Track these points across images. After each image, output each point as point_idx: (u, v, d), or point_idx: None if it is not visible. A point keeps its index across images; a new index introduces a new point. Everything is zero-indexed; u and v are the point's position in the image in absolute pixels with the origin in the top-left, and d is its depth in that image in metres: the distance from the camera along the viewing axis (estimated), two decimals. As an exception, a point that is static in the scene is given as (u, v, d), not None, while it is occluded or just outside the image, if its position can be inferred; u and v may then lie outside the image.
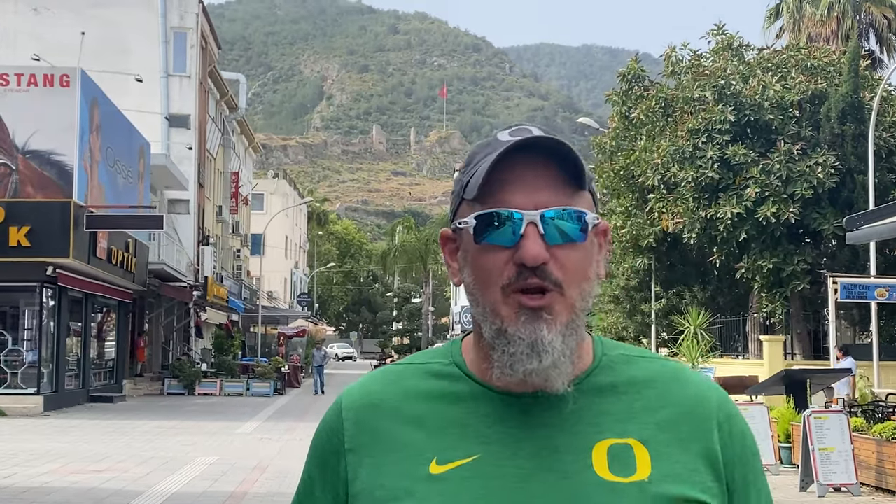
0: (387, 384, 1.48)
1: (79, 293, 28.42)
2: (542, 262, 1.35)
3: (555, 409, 1.39)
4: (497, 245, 1.37)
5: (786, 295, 25.60)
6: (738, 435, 1.46)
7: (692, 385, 1.46)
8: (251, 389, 36.08)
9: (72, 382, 28.57)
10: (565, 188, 1.39)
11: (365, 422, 1.45)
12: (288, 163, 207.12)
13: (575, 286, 1.37)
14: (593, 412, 1.40)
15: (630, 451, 1.37)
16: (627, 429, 1.39)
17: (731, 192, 25.06)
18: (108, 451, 17.41)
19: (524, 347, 1.34)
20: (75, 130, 25.50)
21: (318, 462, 1.49)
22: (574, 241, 1.37)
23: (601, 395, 1.42)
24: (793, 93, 25.48)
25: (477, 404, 1.42)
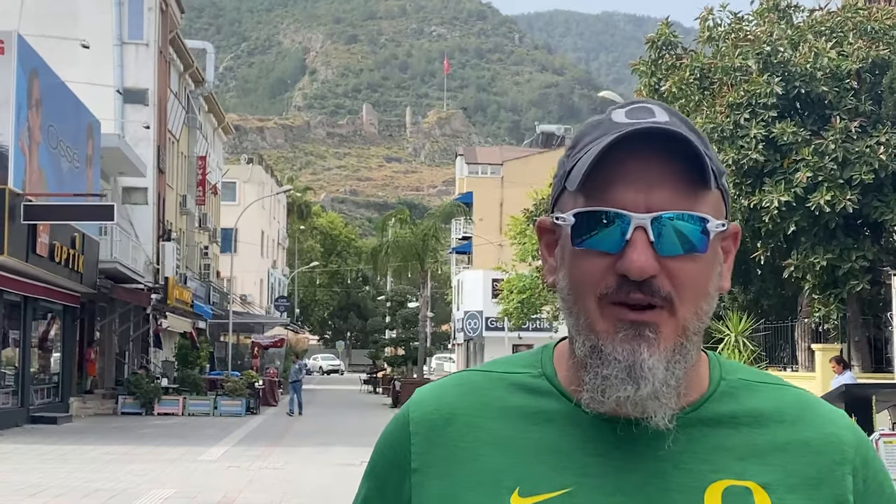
0: (464, 395, 1.44)
1: (16, 296, 27.92)
2: (650, 276, 1.30)
3: (664, 440, 1.34)
4: (598, 250, 1.33)
5: (842, 296, 25.09)
6: (875, 484, 1.41)
7: (825, 421, 1.41)
8: (219, 408, 35.59)
9: (8, 400, 28.07)
10: (687, 187, 1.33)
11: (436, 438, 1.41)
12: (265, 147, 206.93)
13: (689, 304, 1.33)
14: (708, 447, 1.36)
15: (749, 497, 1.34)
16: (747, 469, 1.35)
17: (779, 176, 24.54)
18: (45, 483, 16.93)
19: (619, 371, 1.30)
20: (11, 106, 24.95)
21: (377, 481, 1.48)
22: (691, 253, 1.32)
23: (718, 427, 1.38)
24: (850, 61, 24.95)
25: (570, 427, 1.38)
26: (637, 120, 1.34)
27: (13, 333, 28.67)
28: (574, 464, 1.35)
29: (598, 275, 1.32)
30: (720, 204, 1.39)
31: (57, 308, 32.10)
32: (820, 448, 1.38)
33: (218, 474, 18.55)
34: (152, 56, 40.82)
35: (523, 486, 1.34)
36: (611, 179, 1.32)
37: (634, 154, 1.32)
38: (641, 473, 1.34)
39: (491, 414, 1.41)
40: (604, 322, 1.32)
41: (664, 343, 1.32)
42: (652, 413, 1.32)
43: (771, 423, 1.39)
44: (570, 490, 1.33)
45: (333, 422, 33.51)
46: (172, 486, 16.84)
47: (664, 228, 1.31)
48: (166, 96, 43.72)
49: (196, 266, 54.04)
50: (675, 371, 1.32)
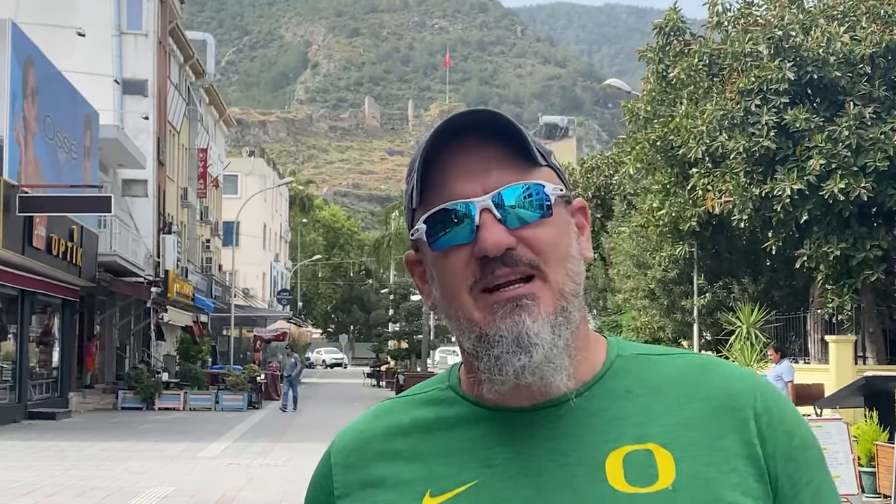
0: (376, 420, 1.50)
1: (13, 290, 27.37)
2: (508, 248, 1.32)
3: (560, 420, 1.38)
4: (455, 245, 1.36)
5: (856, 287, 24.49)
6: (779, 424, 1.40)
7: (722, 375, 1.43)
8: (221, 403, 35.05)
9: (5, 396, 27.52)
10: (517, 165, 1.36)
11: (354, 464, 1.47)
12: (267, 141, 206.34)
13: (556, 266, 1.35)
14: (604, 420, 1.38)
15: (650, 458, 1.34)
16: (646, 433, 1.37)
17: (791, 164, 23.93)
18: (39, 481, 16.37)
19: (508, 344, 1.32)
20: (5, 95, 24.35)
21: None
22: (540, 218, 1.35)
23: (614, 400, 1.40)
24: (863, 45, 24.33)
25: (473, 426, 1.42)
26: (448, 119, 1.37)
27: (11, 328, 28.12)
28: (476, 458, 1.39)
29: (462, 267, 1.35)
30: (556, 180, 1.41)
31: (56, 302, 31.54)
32: (719, 402, 1.39)
33: (217, 472, 17.98)
34: (151, 46, 40.21)
35: (433, 488, 1.38)
36: (444, 181, 1.36)
37: (459, 152, 1.36)
38: (541, 454, 1.37)
39: (402, 432, 1.46)
40: (479, 311, 1.35)
41: (544, 307, 1.34)
42: (550, 377, 1.34)
43: (669, 388, 1.41)
44: (476, 482, 1.37)
45: (337, 416, 32.89)
46: (170, 484, 16.27)
47: (506, 204, 1.34)
48: (166, 87, 43.11)
49: (198, 259, 53.46)
50: (561, 332, 1.34)
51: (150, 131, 39.92)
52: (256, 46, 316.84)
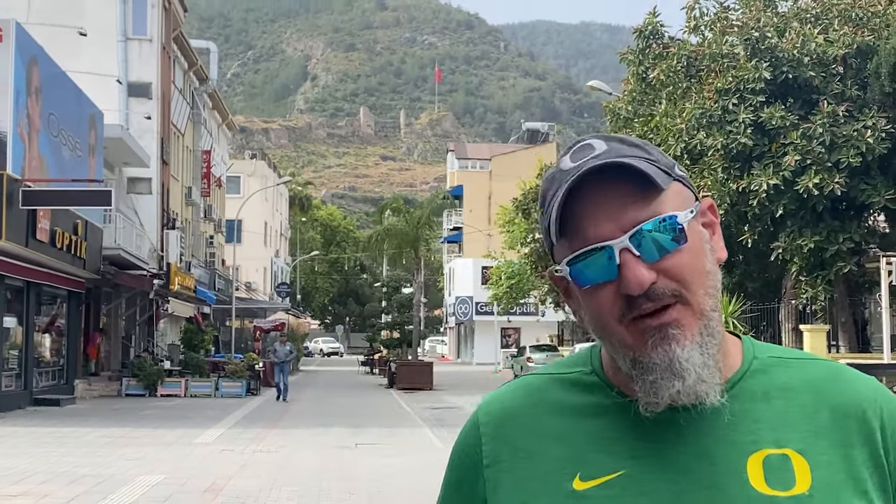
0: (525, 396, 1.47)
1: (19, 281, 26.14)
2: (651, 283, 1.31)
3: (705, 419, 1.35)
4: (600, 282, 1.34)
5: (829, 278, 23.44)
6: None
7: (851, 384, 1.40)
8: (220, 390, 33.82)
9: (11, 383, 26.28)
10: (646, 197, 1.33)
11: (503, 436, 1.44)
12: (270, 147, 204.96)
13: (696, 288, 1.34)
14: (745, 421, 1.35)
15: (788, 463, 1.33)
16: (783, 438, 1.35)
17: (767, 160, 22.89)
18: (34, 468, 15.18)
19: (662, 372, 1.31)
20: (9, 92, 23.13)
21: (455, 479, 1.49)
22: (676, 248, 1.33)
23: (753, 402, 1.38)
24: (836, 47, 23.30)
25: (621, 417, 1.38)
26: (580, 161, 1.35)
27: (16, 318, 26.90)
28: (626, 448, 1.35)
29: (609, 302, 1.33)
30: (684, 190, 1.38)
31: (61, 293, 30.30)
32: (848, 411, 1.36)
33: (211, 459, 16.80)
34: (156, 51, 38.95)
35: (583, 472, 1.35)
36: (583, 220, 1.33)
37: (592, 189, 1.33)
38: (687, 452, 1.34)
39: (549, 411, 1.42)
40: (632, 337, 1.33)
41: (689, 332, 1.31)
42: (704, 395, 1.31)
43: (801, 393, 1.38)
44: (624, 472, 1.34)
45: (332, 402, 31.79)
46: (163, 471, 15.09)
47: (643, 240, 1.31)
48: (169, 91, 41.85)
49: (202, 254, 52.25)
50: (709, 351, 1.32)
51: (154, 132, 38.66)
52: (260, 60, 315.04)
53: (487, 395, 1.52)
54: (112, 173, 34.79)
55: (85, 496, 12.64)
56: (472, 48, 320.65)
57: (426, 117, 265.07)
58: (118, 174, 35.85)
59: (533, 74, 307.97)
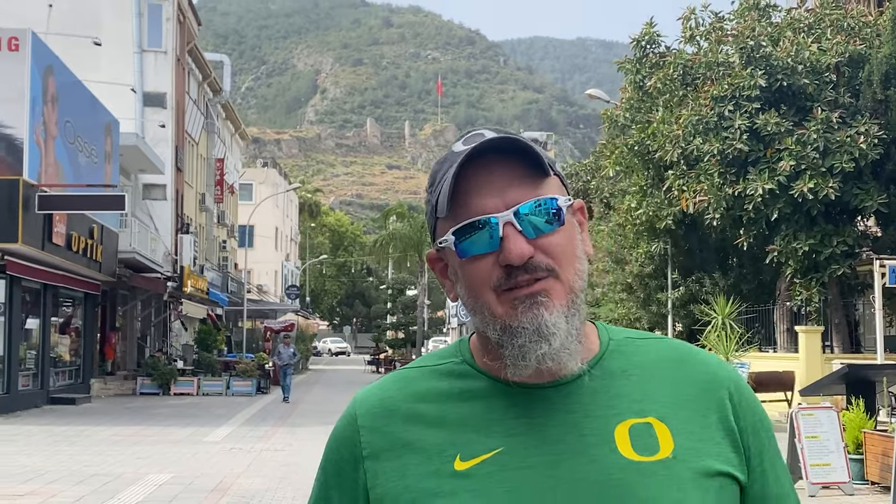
0: (400, 388, 1.45)
1: (36, 284, 25.53)
2: (529, 257, 1.33)
3: (571, 395, 1.38)
4: (481, 254, 1.35)
5: (823, 280, 22.80)
6: (748, 406, 1.43)
7: (701, 361, 1.45)
8: (231, 388, 33.20)
9: (29, 382, 25.66)
10: (531, 180, 1.37)
11: (381, 427, 1.41)
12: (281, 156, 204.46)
13: (567, 267, 1.36)
14: (608, 396, 1.38)
15: (651, 430, 1.36)
16: (646, 408, 1.37)
17: (762, 165, 22.27)
18: (44, 467, 14.58)
19: (530, 335, 1.32)
20: (25, 100, 22.56)
21: (333, 473, 1.46)
22: (553, 229, 1.36)
23: (613, 379, 1.40)
24: (829, 55, 22.70)
25: (494, 399, 1.39)
26: (472, 144, 1.36)
27: (33, 319, 26.32)
28: (501, 427, 1.36)
29: (487, 272, 1.35)
30: (561, 186, 1.41)
31: (78, 295, 29.70)
32: (700, 382, 1.41)
33: (219, 457, 16.20)
34: (170, 63, 38.35)
35: (462, 453, 1.35)
36: (470, 195, 1.35)
37: (482, 169, 1.35)
38: (558, 426, 1.35)
39: (426, 399, 1.41)
40: (503, 307, 1.35)
41: (557, 302, 1.34)
42: (566, 362, 1.34)
43: (657, 369, 1.41)
44: (502, 449, 1.34)
45: (339, 400, 31.10)
46: (171, 470, 14.49)
47: (525, 218, 1.34)
48: (184, 101, 41.26)
49: (215, 258, 51.63)
50: (574, 323, 1.34)
51: (169, 140, 38.06)
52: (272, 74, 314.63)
53: (362, 389, 1.50)
54: (128, 180, 34.21)
55: (92, 496, 12.03)
56: (473, 63, 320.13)
57: (429, 128, 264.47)
58: (134, 180, 35.27)
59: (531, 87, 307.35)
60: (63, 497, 11.92)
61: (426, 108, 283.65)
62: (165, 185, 36.98)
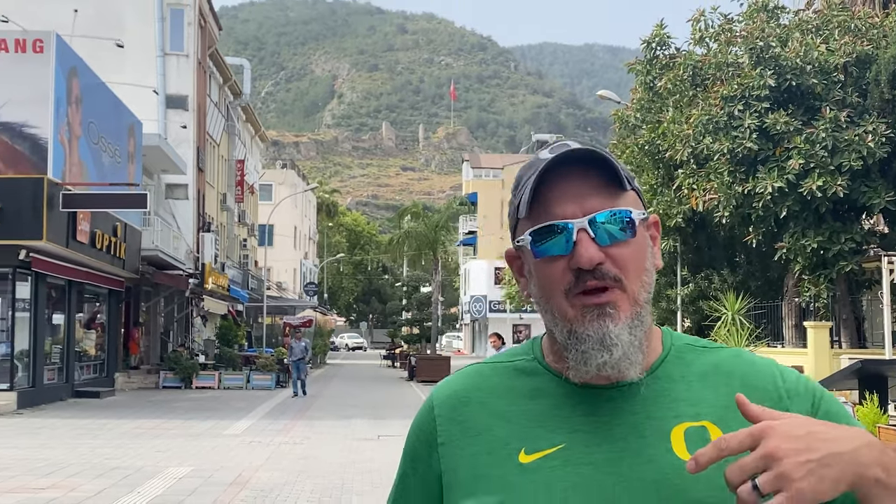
0: (475, 382, 1.48)
1: (60, 280, 25.25)
2: (598, 263, 1.34)
3: (632, 397, 1.39)
4: (554, 255, 1.37)
5: (831, 277, 22.32)
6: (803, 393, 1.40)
7: (753, 364, 1.45)
8: (251, 382, 32.87)
9: (54, 376, 25.38)
10: (608, 192, 1.38)
11: (456, 417, 1.45)
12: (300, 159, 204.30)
13: (634, 279, 1.37)
14: (667, 399, 1.40)
15: (705, 433, 1.36)
16: (701, 412, 1.38)
17: (772, 164, 21.79)
18: (66, 460, 14.26)
19: (594, 343, 1.35)
20: (50, 100, 22.26)
21: (411, 457, 1.50)
22: (625, 240, 1.37)
23: (673, 383, 1.41)
24: (837, 55, 22.21)
25: (560, 397, 1.42)
26: (557, 153, 1.38)
27: (58, 314, 26.04)
28: (566, 425, 1.38)
29: (559, 274, 1.36)
30: (638, 201, 1.42)
31: (102, 291, 29.42)
32: (753, 387, 1.39)
33: (239, 450, 15.85)
34: (192, 66, 38.04)
35: (528, 446, 1.38)
36: (551, 200, 1.37)
37: (563, 177, 1.37)
38: (620, 426, 1.37)
39: (497, 394, 1.45)
40: (573, 310, 1.36)
41: (623, 314, 1.35)
42: (626, 371, 1.35)
43: (712, 375, 1.42)
44: (564, 445, 1.37)
45: (355, 394, 30.79)
46: (191, 463, 14.16)
47: (600, 225, 1.35)
48: (205, 103, 40.95)
49: (236, 256, 51.34)
50: (637, 334, 1.36)
51: (191, 141, 37.76)
52: (291, 79, 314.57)
53: (440, 382, 1.54)
54: (151, 179, 33.93)
55: (111, 489, 11.70)
56: (485, 68, 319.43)
57: (443, 131, 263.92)
58: (157, 180, 34.98)
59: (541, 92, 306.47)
60: (83, 490, 11.59)
61: (439, 112, 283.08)
62: (187, 185, 36.68)
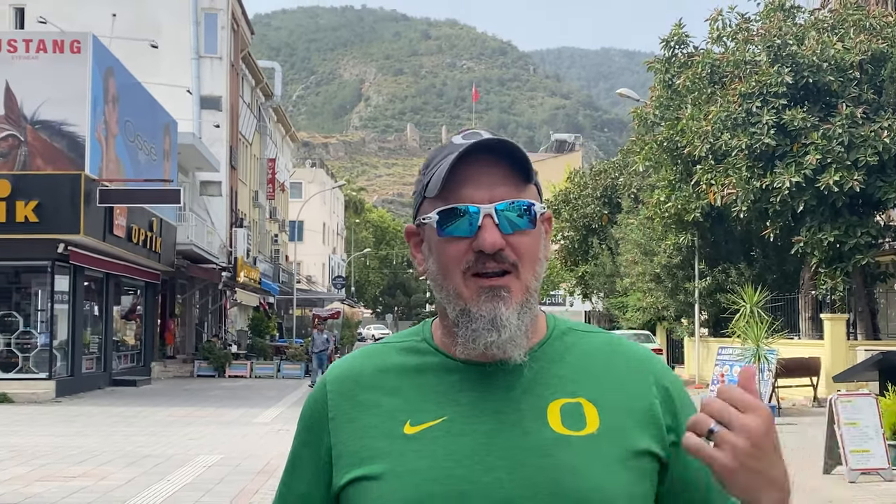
0: (365, 360, 1.49)
1: (98, 273, 24.95)
2: (499, 249, 1.37)
3: (513, 374, 1.41)
4: (458, 236, 1.39)
5: (847, 270, 21.70)
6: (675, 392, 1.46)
7: (631, 352, 1.49)
8: (282, 371, 32.52)
9: (92, 365, 25.09)
10: (515, 183, 1.40)
11: (346, 392, 1.45)
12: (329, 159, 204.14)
13: (528, 268, 1.40)
14: (547, 377, 1.42)
15: (580, 409, 1.39)
16: (577, 390, 1.41)
17: (789, 159, 21.19)
18: (99, 448, 13.89)
19: (485, 323, 1.37)
20: (87, 99, 21.93)
21: (304, 431, 1.49)
22: (525, 229, 1.40)
23: (553, 362, 1.44)
24: (853, 53, 21.57)
25: (445, 374, 1.43)
26: (471, 140, 1.40)
27: (96, 306, 25.76)
28: (448, 399, 1.40)
29: (461, 254, 1.39)
30: (538, 196, 1.44)
31: (138, 284, 29.14)
32: (629, 371, 1.45)
33: (268, 438, 15.46)
34: (225, 69, 37.71)
35: (413, 419, 1.39)
36: (461, 184, 1.39)
37: (474, 164, 1.39)
38: (499, 400, 1.39)
39: (386, 371, 1.45)
40: (468, 291, 1.39)
41: (514, 300, 1.38)
42: (510, 352, 1.38)
43: (593, 357, 1.45)
44: (447, 417, 1.38)
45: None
46: (220, 451, 13.76)
47: (503, 214, 1.38)
48: (238, 104, 40.62)
49: (267, 251, 51.06)
50: (524, 319, 1.39)
51: (224, 140, 37.44)
52: (321, 84, 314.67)
53: (335, 362, 1.54)
54: (186, 177, 33.63)
55: (141, 478, 11.31)
56: (505, 71, 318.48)
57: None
58: (191, 178, 34.68)
59: (559, 94, 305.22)
60: (113, 479, 11.20)
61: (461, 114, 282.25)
62: (221, 182, 36.38)
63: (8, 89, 21.81)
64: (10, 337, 21.96)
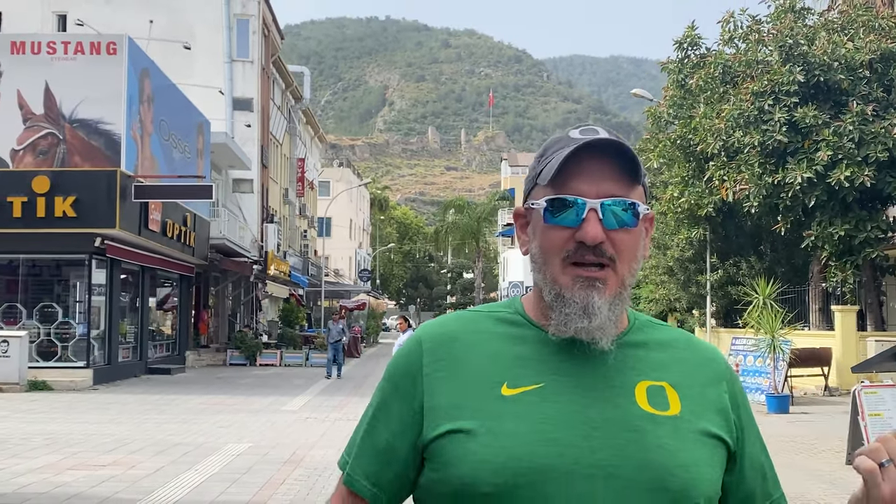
0: (462, 324, 1.47)
1: (134, 266, 24.43)
2: (599, 242, 1.36)
3: (605, 355, 1.41)
4: (563, 225, 1.38)
5: (857, 263, 20.89)
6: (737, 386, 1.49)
7: (705, 348, 1.51)
8: (310, 360, 31.94)
9: (129, 354, 24.58)
10: (623, 181, 1.39)
11: (442, 352, 1.43)
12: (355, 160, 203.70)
13: (625, 263, 1.40)
14: (632, 361, 1.44)
15: (663, 392, 1.41)
16: (660, 375, 1.43)
17: (801, 156, 20.40)
18: (130, 436, 13.32)
19: (577, 309, 1.37)
20: (123, 99, 21.38)
21: (395, 384, 1.46)
22: (626, 227, 1.38)
23: (637, 349, 1.45)
24: (862, 53, 20.74)
25: (541, 345, 1.42)
26: (588, 136, 1.39)
27: (133, 297, 25.25)
28: (546, 367, 1.39)
29: (563, 242, 1.38)
30: (643, 197, 1.43)
31: (173, 276, 28.63)
32: (704, 364, 1.47)
33: (296, 426, 14.84)
34: (256, 72, 37.15)
35: (510, 382, 1.38)
36: (572, 176, 1.38)
37: (587, 158, 1.38)
38: (590, 375, 1.39)
39: (482, 336, 1.44)
40: (565, 277, 1.38)
41: (609, 292, 1.38)
42: (599, 339, 1.38)
43: (669, 347, 1.47)
44: (543, 384, 1.38)
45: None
46: (249, 439, 13.16)
47: (608, 209, 1.37)
48: (268, 105, 40.05)
49: (297, 246, 50.54)
50: (615, 311, 1.39)
51: (255, 140, 36.89)
52: (348, 90, 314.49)
53: (426, 322, 1.51)
54: (219, 174, 33.10)
55: (170, 467, 10.71)
56: (520, 78, 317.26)
57: (482, 135, 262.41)
58: (224, 175, 34.16)
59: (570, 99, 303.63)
60: (142, 468, 10.62)
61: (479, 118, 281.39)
62: (252, 180, 35.84)
63: (47, 89, 21.29)
64: (50, 327, 21.46)
